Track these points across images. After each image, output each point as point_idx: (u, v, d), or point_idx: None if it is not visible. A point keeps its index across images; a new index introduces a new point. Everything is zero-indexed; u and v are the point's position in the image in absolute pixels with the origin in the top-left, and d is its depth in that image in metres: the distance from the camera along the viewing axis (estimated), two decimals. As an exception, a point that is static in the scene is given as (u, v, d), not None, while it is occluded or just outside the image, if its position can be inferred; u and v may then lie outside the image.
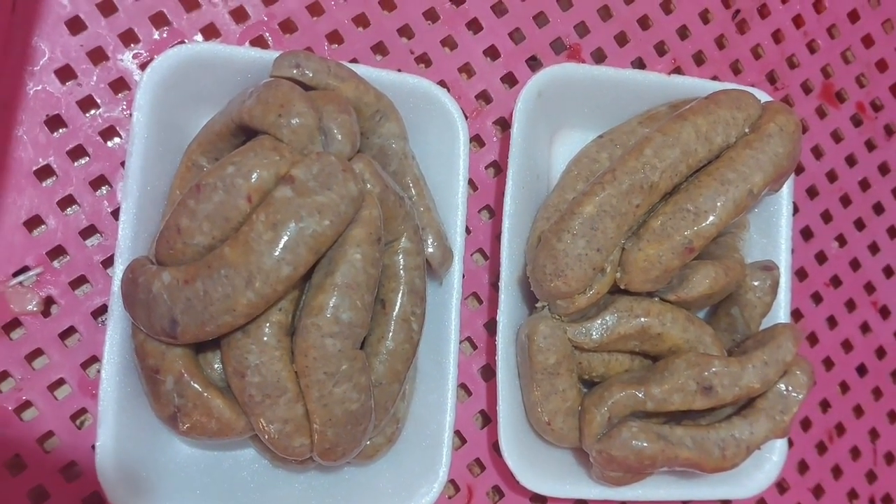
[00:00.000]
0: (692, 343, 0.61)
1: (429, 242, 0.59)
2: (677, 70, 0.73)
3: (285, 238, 0.48)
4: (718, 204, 0.58)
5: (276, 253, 0.48)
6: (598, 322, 0.60)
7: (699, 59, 0.74)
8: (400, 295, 0.56)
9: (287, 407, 0.51)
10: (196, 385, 0.52)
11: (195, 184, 0.51)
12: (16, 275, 0.58)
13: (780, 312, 0.68)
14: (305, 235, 0.49)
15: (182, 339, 0.50)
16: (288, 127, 0.51)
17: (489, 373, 0.67)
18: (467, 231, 0.67)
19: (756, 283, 0.65)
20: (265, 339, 0.51)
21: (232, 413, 0.52)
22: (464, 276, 0.65)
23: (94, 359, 0.59)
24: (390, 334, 0.56)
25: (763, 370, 0.60)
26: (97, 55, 0.60)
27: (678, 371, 0.59)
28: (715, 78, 0.72)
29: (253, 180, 0.50)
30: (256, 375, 0.51)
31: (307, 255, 0.49)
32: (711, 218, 0.58)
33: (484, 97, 0.69)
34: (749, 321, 0.65)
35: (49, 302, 0.58)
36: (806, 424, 0.75)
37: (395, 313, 0.56)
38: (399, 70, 0.63)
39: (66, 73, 0.59)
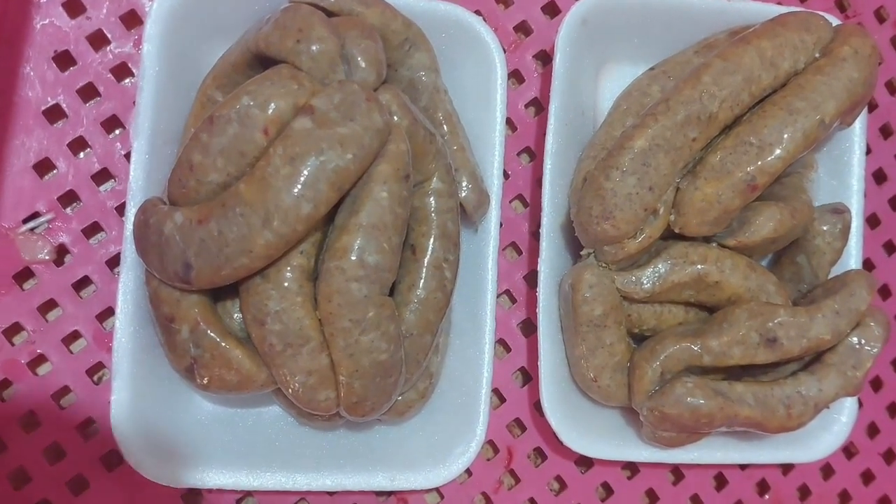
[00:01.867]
0: (754, 292, 0.56)
1: (463, 185, 0.55)
2: (737, -4, 0.66)
3: (305, 173, 0.44)
4: (785, 136, 0.53)
5: (296, 189, 0.44)
6: (650, 270, 0.55)
7: (761, -17, 0.67)
8: (431, 240, 0.52)
9: (310, 357, 0.47)
10: (213, 334, 0.48)
11: (208, 116, 0.47)
12: (26, 221, 0.54)
13: (851, 261, 0.62)
14: (327, 170, 0.44)
15: (197, 285, 0.46)
16: (307, 53, 0.47)
17: (530, 328, 0.63)
18: (505, 175, 0.62)
19: (825, 228, 0.59)
20: (286, 283, 0.47)
21: (252, 364, 0.48)
22: (502, 225, 0.61)
23: (110, 310, 0.55)
24: (421, 282, 0.51)
25: (834, 320, 0.54)
26: (107, -14, 0.56)
27: (739, 322, 0.54)
28: (779, 3, 0.66)
29: (270, 111, 0.46)
30: (277, 323, 0.47)
31: (329, 191, 0.45)
32: (777, 151, 0.52)
33: (523, 29, 0.64)
34: (817, 269, 0.59)
35: (62, 250, 0.55)
36: (876, 385, 0.69)
37: (426, 259, 0.52)
38: (430, -2, 0.58)
39: (74, 6, 0.56)
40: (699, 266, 0.55)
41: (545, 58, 0.64)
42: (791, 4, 0.67)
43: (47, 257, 0.54)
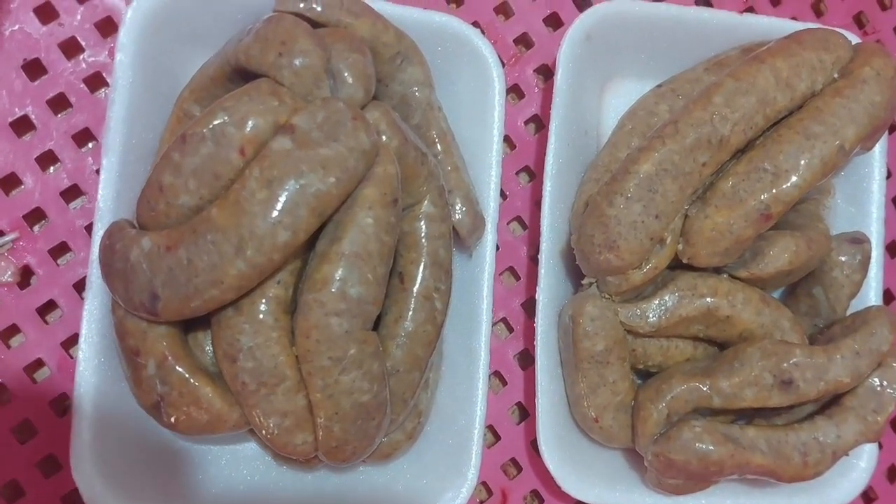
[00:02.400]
0: (767, 328, 0.52)
1: (456, 207, 0.51)
2: (749, 10, 0.63)
3: (283, 197, 0.41)
4: (802, 162, 0.49)
5: (273, 215, 0.41)
6: (656, 302, 0.51)
7: (775, -3, 0.64)
8: (421, 268, 0.48)
9: (286, 397, 0.44)
10: (181, 370, 0.44)
11: (180, 134, 0.43)
12: (-12, 241, 0.51)
13: (871, 294, 0.58)
14: (307, 195, 0.41)
15: (164, 316, 0.43)
16: (290, 68, 0.43)
17: (528, 360, 0.59)
18: (502, 196, 0.59)
19: (843, 259, 0.55)
20: (260, 317, 0.43)
21: (224, 403, 0.45)
22: (498, 248, 0.57)
23: (77, 337, 0.51)
24: (409, 314, 0.48)
25: (854, 361, 0.51)
26: (81, -9, 0.53)
27: (751, 361, 0.50)
28: (794, 19, 0.62)
29: (247, 130, 0.42)
30: (250, 360, 0.43)
31: (309, 217, 0.41)
32: (793, 179, 0.49)
33: (524, 41, 0.61)
34: (834, 303, 0.55)
35: (26, 272, 0.52)
36: (896, 424, 0.65)
37: (415, 289, 0.48)
38: (425, 8, 0.54)
39: (46, 12, 0.53)
40: (709, 299, 0.51)
41: (547, 72, 0.61)
42: (807, 20, 0.64)
43: (10, 279, 0.51)
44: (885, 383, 0.52)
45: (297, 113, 0.42)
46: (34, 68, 0.52)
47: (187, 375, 0.44)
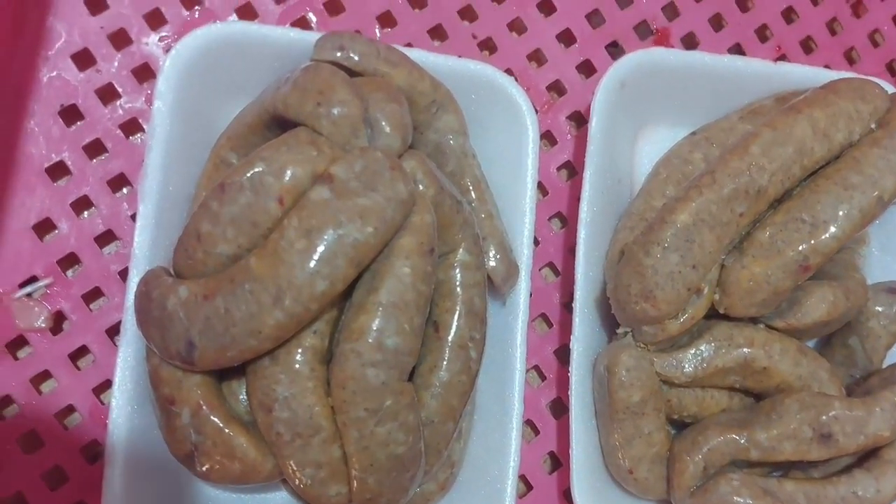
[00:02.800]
0: (805, 380, 0.51)
1: (490, 255, 0.51)
2: (782, 58, 0.63)
3: (321, 247, 0.41)
4: (840, 213, 0.49)
5: (311, 265, 0.40)
6: (692, 352, 0.51)
7: (808, 45, 0.64)
8: (456, 317, 0.48)
9: (321, 448, 0.43)
10: (216, 419, 0.44)
11: (219, 183, 0.43)
12: (23, 286, 0.51)
13: (909, 344, 0.57)
14: (345, 244, 0.41)
15: (200, 365, 0.43)
16: (328, 117, 0.43)
17: (560, 408, 0.58)
18: (536, 242, 0.59)
19: (880, 309, 0.54)
20: (296, 367, 0.43)
21: (258, 453, 0.44)
22: (531, 295, 0.56)
23: (109, 383, 0.51)
24: (444, 363, 0.47)
25: (893, 414, 0.50)
26: (119, 38, 0.53)
27: (789, 413, 0.49)
28: (827, 67, 0.62)
29: (286, 179, 0.42)
30: (285, 410, 0.43)
31: (347, 267, 0.41)
32: (832, 230, 0.49)
33: (556, 88, 0.61)
34: (871, 354, 0.55)
35: (59, 317, 0.52)
36: (932, 475, 0.63)
37: (450, 338, 0.48)
38: (460, 56, 0.54)
39: (84, 59, 0.53)
40: (745, 350, 0.51)
41: (579, 119, 0.61)
42: (840, 68, 0.63)
43: (43, 325, 0.51)
44: (925, 437, 0.51)
45: (336, 162, 0.42)
46: (71, 114, 0.52)
47: (222, 425, 0.44)
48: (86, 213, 0.53)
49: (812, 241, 0.49)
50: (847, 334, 0.56)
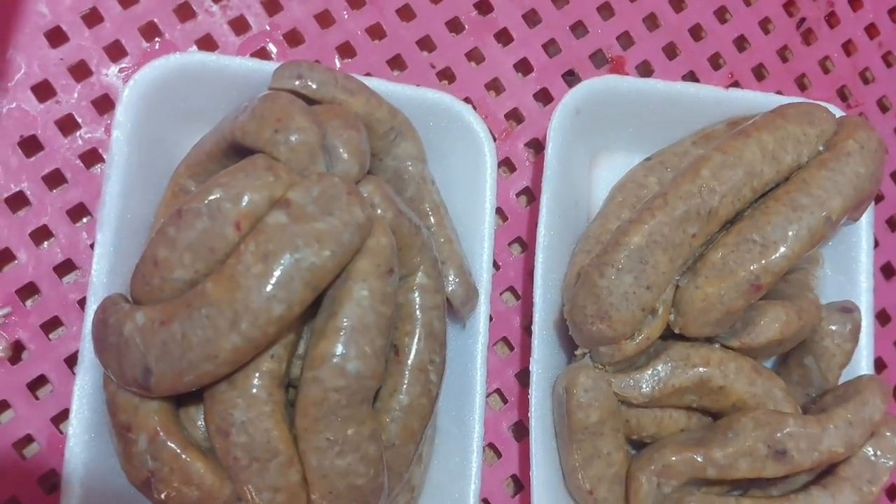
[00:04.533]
0: (760, 398, 0.52)
1: (450, 279, 0.52)
2: (735, 85, 0.65)
3: (278, 271, 0.41)
4: (790, 233, 0.50)
5: (267, 289, 0.41)
6: (649, 372, 0.51)
7: (760, 73, 0.66)
8: (416, 340, 0.48)
9: (278, 472, 0.43)
10: (172, 445, 0.44)
11: (176, 209, 0.44)
12: (-19, 315, 0.51)
13: (863, 362, 0.58)
14: (301, 268, 0.41)
15: (157, 391, 0.42)
16: (286, 144, 0.44)
17: (522, 431, 0.59)
18: (495, 267, 0.59)
19: (834, 328, 0.55)
20: (253, 391, 0.43)
21: (215, 479, 0.44)
22: (491, 319, 0.57)
23: (68, 412, 0.50)
24: (404, 387, 0.48)
25: (847, 431, 0.50)
26: (79, 70, 0.54)
27: (745, 431, 0.50)
28: (779, 93, 0.64)
29: (243, 204, 0.43)
30: (243, 434, 0.43)
31: (303, 291, 0.41)
32: (782, 250, 0.50)
33: (514, 116, 0.62)
34: (826, 373, 0.56)
35: (18, 347, 0.52)
36: (892, 493, 0.64)
37: (409, 362, 0.48)
38: (418, 85, 0.55)
39: (44, 90, 0.53)
40: (701, 369, 0.51)
41: (537, 146, 0.62)
42: (791, 94, 0.65)
43: (2, 354, 0.51)
44: (878, 453, 0.51)
45: (293, 188, 0.43)
46: (31, 145, 0.53)
47: (179, 451, 0.44)
48: (45, 243, 0.53)
49: (763, 261, 0.50)
50: (803, 354, 0.56)
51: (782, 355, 0.58)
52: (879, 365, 0.65)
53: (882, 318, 0.66)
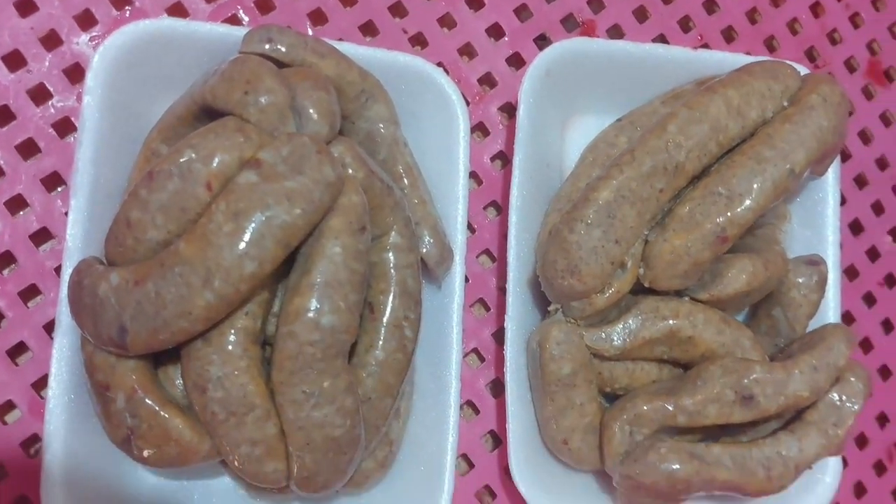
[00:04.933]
0: (728, 347, 0.53)
1: (424, 239, 0.53)
2: (704, 47, 0.65)
3: (249, 229, 0.42)
4: (755, 186, 0.51)
5: (239, 247, 0.42)
6: (620, 326, 0.52)
7: (729, 35, 0.67)
8: (390, 297, 0.49)
9: (255, 426, 0.44)
10: (151, 402, 0.45)
11: (148, 171, 0.44)
12: (-42, 284, 0.51)
13: (829, 314, 0.59)
14: (273, 226, 0.42)
15: (133, 350, 0.43)
16: (255, 105, 0.45)
17: (500, 388, 0.60)
18: (471, 230, 0.60)
19: (801, 280, 0.57)
20: (229, 347, 0.44)
21: (194, 434, 0.45)
22: (468, 281, 0.58)
23: (48, 378, 0.52)
24: (380, 343, 0.49)
25: (812, 376, 0.52)
26: (50, 39, 0.54)
27: (713, 379, 0.51)
28: (748, 54, 0.65)
29: (213, 165, 0.43)
30: (219, 389, 0.44)
31: (274, 248, 0.42)
32: (747, 202, 0.51)
33: (487, 81, 0.63)
34: (794, 323, 0.57)
35: (-4, 314, 0.52)
36: (862, 442, 0.66)
37: (385, 319, 0.49)
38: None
39: (14, 60, 0.53)
40: (671, 321, 0.52)
41: (510, 110, 0.63)
42: (760, 55, 0.66)
43: (-20, 322, 0.51)
44: (843, 398, 0.53)
45: (263, 148, 0.44)
46: (3, 115, 0.53)
47: (157, 408, 0.45)
48: (20, 212, 0.53)
49: (728, 214, 0.51)
50: (771, 306, 0.58)
51: (752, 308, 0.60)
52: (848, 319, 0.66)
53: (850, 273, 0.67)
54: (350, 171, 0.47)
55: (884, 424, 0.67)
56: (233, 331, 0.44)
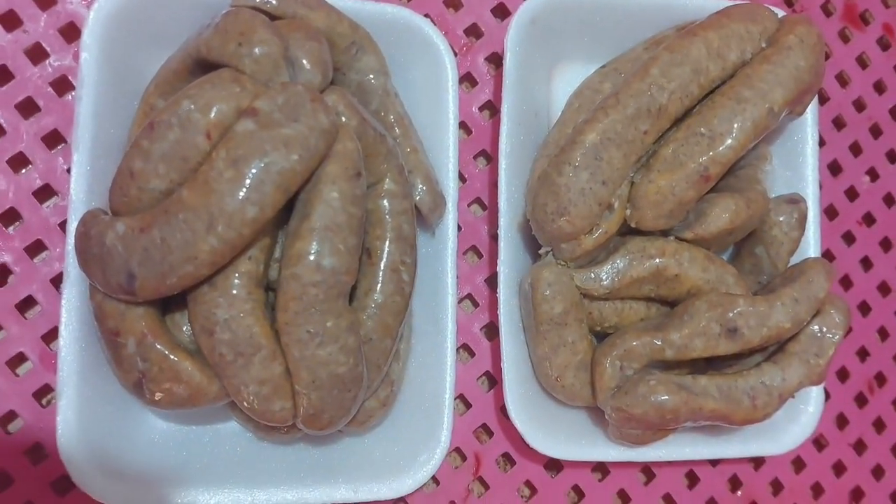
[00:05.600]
0: (713, 284, 0.55)
1: (417, 187, 0.54)
2: (685, -7, 0.66)
3: (249, 176, 0.43)
4: (735, 125, 0.52)
5: (240, 193, 0.43)
6: (608, 266, 0.54)
7: (709, -19, 0.68)
8: (387, 242, 0.51)
9: (262, 366, 0.46)
10: (161, 346, 0.46)
11: (148, 122, 0.45)
12: (-35, 241, 0.52)
13: (810, 251, 0.62)
14: (272, 172, 0.43)
15: (141, 296, 0.45)
16: (250, 56, 0.46)
17: (493, 332, 0.62)
18: (462, 180, 0.62)
19: (781, 218, 0.59)
20: (234, 291, 0.45)
21: (203, 376, 0.47)
22: (461, 229, 0.60)
23: (57, 330, 0.53)
24: (378, 286, 0.50)
25: (793, 308, 0.54)
26: (44, -1, 0.55)
27: (699, 313, 0.53)
28: (726, -1, 0.66)
29: (212, 115, 0.45)
30: (226, 332, 0.45)
31: (274, 193, 0.44)
32: (728, 141, 0.52)
33: (473, 32, 0.64)
34: (776, 260, 0.59)
35: (4, 270, 0.53)
36: (843, 375, 0.69)
37: (382, 263, 0.51)
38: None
39: (10, 20, 0.54)
40: (657, 260, 0.54)
41: (497, 60, 0.64)
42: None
43: (-11, 278, 0.53)
44: (824, 329, 0.55)
45: (259, 97, 0.45)
46: (2, 75, 0.54)
47: (167, 351, 0.46)
48: (23, 170, 0.54)
49: (711, 153, 0.52)
50: (753, 244, 0.60)
51: (735, 247, 0.62)
52: (828, 257, 0.69)
53: (830, 212, 0.69)
54: (343, 118, 0.48)
55: (864, 359, 0.69)
56: (237, 275, 0.45)
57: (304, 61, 0.47)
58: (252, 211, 0.43)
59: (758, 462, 0.65)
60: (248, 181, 0.43)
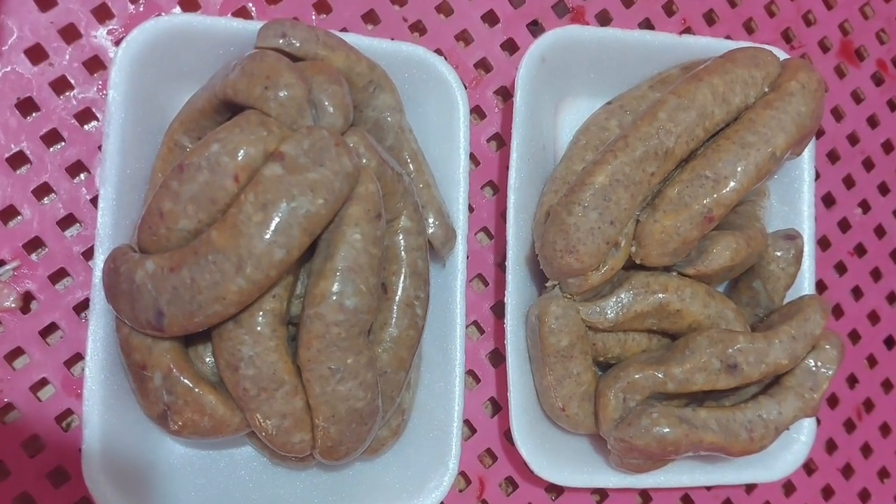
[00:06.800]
0: (713, 319, 0.57)
1: (430, 221, 0.56)
2: (687, 31, 0.69)
3: (277, 219, 0.45)
4: (739, 169, 0.55)
5: (268, 235, 0.45)
6: (613, 300, 0.56)
7: (710, 18, 0.70)
8: (402, 278, 0.53)
9: (284, 400, 0.48)
10: (186, 380, 0.48)
11: (178, 164, 0.47)
12: (-9, 269, 0.54)
13: (805, 284, 0.64)
14: (298, 215, 0.45)
15: (169, 332, 0.46)
16: (275, 100, 0.47)
17: (498, 358, 0.64)
18: (470, 209, 0.64)
19: (779, 254, 0.61)
20: (259, 328, 0.47)
21: (226, 409, 0.48)
22: (468, 257, 0.62)
23: (79, 356, 0.55)
24: (393, 320, 0.52)
25: (791, 345, 0.56)
26: (69, 32, 0.56)
27: (700, 349, 0.55)
28: (728, 38, 0.68)
29: (240, 158, 0.46)
30: (251, 368, 0.47)
31: (301, 236, 0.45)
32: (732, 184, 0.54)
33: (483, 66, 0.66)
34: (773, 294, 0.61)
35: (28, 297, 0.55)
36: (833, 401, 0.71)
37: (397, 298, 0.52)
38: (392, 39, 0.59)
39: (36, 53, 0.55)
40: (660, 295, 0.56)
41: (505, 93, 0.66)
42: (739, 38, 0.69)
43: (13, 305, 0.54)
44: (819, 364, 0.57)
45: (285, 141, 0.46)
46: (27, 106, 0.55)
47: (191, 385, 0.48)
48: (46, 199, 0.56)
49: (715, 195, 0.54)
50: (751, 278, 0.62)
51: (733, 280, 0.64)
52: (821, 286, 0.71)
53: (823, 243, 0.72)
54: (364, 160, 0.50)
55: (853, 385, 0.72)
56: (262, 313, 0.47)
57: (328, 104, 0.49)
58: (279, 253, 0.45)
59: (750, 487, 0.68)
60: (275, 225, 0.45)
